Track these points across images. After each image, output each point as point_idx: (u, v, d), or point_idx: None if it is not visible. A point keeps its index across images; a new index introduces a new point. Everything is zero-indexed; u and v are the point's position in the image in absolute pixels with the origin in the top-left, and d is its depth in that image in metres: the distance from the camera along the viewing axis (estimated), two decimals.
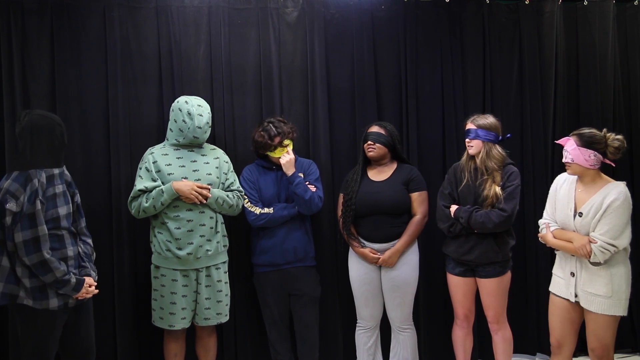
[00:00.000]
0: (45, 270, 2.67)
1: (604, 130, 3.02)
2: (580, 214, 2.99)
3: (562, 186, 3.15)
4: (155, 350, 3.61)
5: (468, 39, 4.09)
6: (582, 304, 2.99)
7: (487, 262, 3.35)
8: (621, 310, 2.93)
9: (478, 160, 3.39)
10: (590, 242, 2.92)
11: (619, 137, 2.98)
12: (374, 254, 3.48)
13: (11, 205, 2.63)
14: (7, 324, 3.50)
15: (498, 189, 3.31)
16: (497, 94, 4.12)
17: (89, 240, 3.00)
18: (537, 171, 4.09)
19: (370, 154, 3.55)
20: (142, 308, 3.59)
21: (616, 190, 2.94)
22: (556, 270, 3.17)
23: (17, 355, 3.44)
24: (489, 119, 3.41)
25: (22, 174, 2.70)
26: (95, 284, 2.90)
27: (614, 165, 3.11)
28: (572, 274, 3.03)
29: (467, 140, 3.42)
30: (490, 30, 4.11)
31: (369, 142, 3.54)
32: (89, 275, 2.88)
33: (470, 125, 3.42)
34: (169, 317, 3.31)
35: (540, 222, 3.25)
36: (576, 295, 3.01)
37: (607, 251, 2.89)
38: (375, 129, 3.57)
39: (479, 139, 3.37)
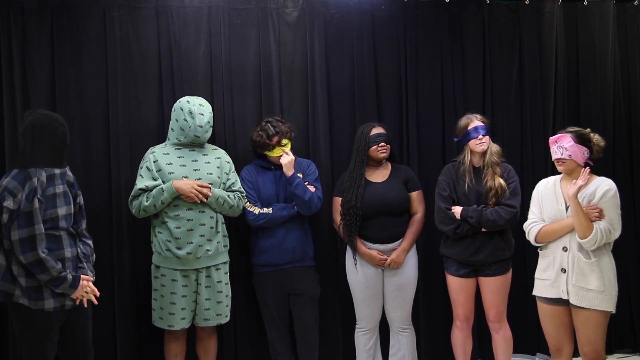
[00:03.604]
0: (41, 269, 2.66)
1: (588, 129, 3.16)
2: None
3: (546, 188, 3.20)
4: (156, 351, 3.61)
5: (468, 39, 4.09)
6: (572, 301, 2.98)
7: (495, 261, 3.36)
8: (611, 306, 2.95)
9: (487, 156, 3.39)
10: (592, 220, 2.94)
11: (601, 137, 3.16)
12: (380, 255, 3.48)
13: (8, 203, 2.63)
14: (7, 323, 3.49)
15: (502, 180, 3.33)
16: (497, 94, 4.12)
17: (89, 242, 2.98)
18: (536, 171, 4.08)
19: (383, 155, 3.54)
20: (142, 308, 3.59)
21: (608, 182, 3.04)
22: (539, 274, 3.16)
23: (17, 354, 3.44)
24: (480, 116, 3.48)
25: (22, 172, 2.69)
26: (92, 279, 2.85)
27: (592, 164, 3.15)
28: (563, 270, 3.02)
29: (479, 137, 3.38)
30: (490, 30, 4.11)
31: (382, 144, 3.52)
32: (86, 275, 2.83)
33: (476, 123, 3.41)
34: (169, 317, 3.31)
35: (526, 225, 3.23)
36: (567, 293, 3.00)
37: (604, 235, 2.92)
38: (379, 130, 3.55)
39: (488, 135, 3.41)
